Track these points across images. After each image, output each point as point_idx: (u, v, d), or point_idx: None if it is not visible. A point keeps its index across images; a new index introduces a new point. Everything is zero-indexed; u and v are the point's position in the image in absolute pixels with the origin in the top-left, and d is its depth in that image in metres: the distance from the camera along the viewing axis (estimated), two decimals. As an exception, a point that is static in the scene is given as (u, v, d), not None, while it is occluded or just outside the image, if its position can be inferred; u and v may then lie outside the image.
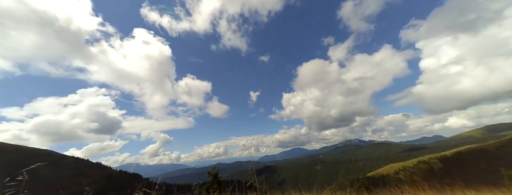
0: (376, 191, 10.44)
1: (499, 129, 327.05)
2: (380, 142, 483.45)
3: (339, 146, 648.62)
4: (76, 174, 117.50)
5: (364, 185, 10.22)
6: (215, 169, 11.34)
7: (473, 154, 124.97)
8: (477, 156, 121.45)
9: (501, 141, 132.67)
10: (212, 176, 10.87)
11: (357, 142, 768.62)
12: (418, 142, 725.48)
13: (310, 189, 10.47)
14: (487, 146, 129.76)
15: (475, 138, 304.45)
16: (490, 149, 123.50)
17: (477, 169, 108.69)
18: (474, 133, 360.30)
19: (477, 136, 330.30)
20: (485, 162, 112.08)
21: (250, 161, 10.40)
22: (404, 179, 12.29)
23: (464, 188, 10.37)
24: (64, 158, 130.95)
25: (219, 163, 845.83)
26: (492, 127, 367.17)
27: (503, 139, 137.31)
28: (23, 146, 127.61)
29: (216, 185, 10.52)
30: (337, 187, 10.47)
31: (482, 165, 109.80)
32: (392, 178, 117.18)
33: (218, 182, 10.55)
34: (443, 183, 10.36)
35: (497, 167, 11.64)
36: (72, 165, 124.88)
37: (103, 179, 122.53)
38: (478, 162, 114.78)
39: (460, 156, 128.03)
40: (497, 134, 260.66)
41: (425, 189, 10.41)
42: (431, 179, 10.36)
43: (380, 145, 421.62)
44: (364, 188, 10.42)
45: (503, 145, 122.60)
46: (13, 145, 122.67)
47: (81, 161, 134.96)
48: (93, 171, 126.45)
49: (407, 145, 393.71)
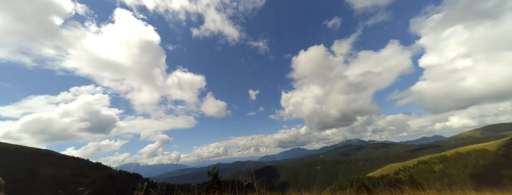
0: (376, 191, 10.45)
1: (499, 129, 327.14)
2: (380, 142, 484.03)
3: (339, 146, 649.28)
4: (76, 174, 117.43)
5: (364, 185, 10.22)
6: (215, 169, 11.34)
7: (473, 154, 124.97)
8: (477, 156, 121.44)
9: (501, 141, 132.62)
10: (212, 176, 10.88)
11: (357, 142, 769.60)
12: (418, 142, 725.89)
13: (310, 189, 10.48)
14: (487, 146, 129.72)
15: (475, 138, 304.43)
16: (490, 149, 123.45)
17: (477, 169, 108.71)
18: (474, 133, 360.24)
19: (477, 136, 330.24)
20: (485, 162, 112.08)
21: (250, 161, 10.41)
22: (404, 179, 12.42)
23: (464, 188, 10.38)
24: (64, 158, 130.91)
25: (219, 163, 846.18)
26: (492, 127, 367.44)
27: (503, 139, 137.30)
28: (24, 146, 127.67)
29: (216, 185, 10.54)
30: (337, 187, 10.50)
31: (482, 165, 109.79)
32: (392, 178, 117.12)
33: (218, 182, 10.56)
34: (443, 183, 10.37)
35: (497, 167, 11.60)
36: (72, 165, 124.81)
37: (103, 179, 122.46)
38: (478, 162, 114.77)
39: (460, 156, 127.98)
40: (497, 134, 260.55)
41: (425, 189, 10.42)
42: (431, 179, 10.37)
43: (380, 145, 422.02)
44: (364, 188, 10.44)
45: (503, 145, 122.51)
46: (13, 145, 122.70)
47: (81, 161, 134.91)
48: (93, 171, 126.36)
49: (407, 145, 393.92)
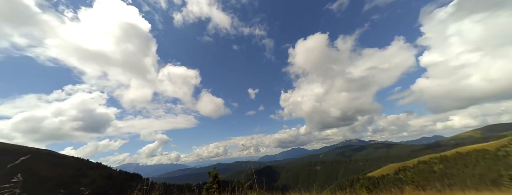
0: (376, 191, 10.45)
1: (499, 129, 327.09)
2: (380, 142, 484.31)
3: (339, 146, 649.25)
4: (76, 174, 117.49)
5: (364, 185, 10.22)
6: (215, 169, 11.33)
7: (473, 154, 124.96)
8: (477, 156, 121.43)
9: (501, 141, 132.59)
10: (212, 177, 10.87)
11: (357, 142, 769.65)
12: (418, 142, 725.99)
13: (310, 189, 10.48)
14: (487, 146, 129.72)
15: (475, 138, 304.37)
16: (490, 149, 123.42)
17: (477, 169, 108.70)
18: (474, 133, 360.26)
19: (477, 136, 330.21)
20: (485, 162, 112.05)
21: (250, 161, 10.41)
22: (404, 179, 12.35)
23: (464, 188, 10.38)
24: (64, 158, 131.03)
25: (219, 163, 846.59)
26: (492, 127, 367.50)
27: (503, 139, 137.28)
28: (24, 146, 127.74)
29: (216, 185, 10.54)
30: (337, 187, 10.49)
31: (482, 165, 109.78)
32: (392, 178, 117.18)
33: (218, 182, 10.56)
34: (443, 183, 10.37)
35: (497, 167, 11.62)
36: (72, 165, 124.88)
37: (103, 179, 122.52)
38: (478, 162, 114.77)
39: (460, 156, 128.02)
40: (497, 134, 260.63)
41: (425, 189, 10.42)
42: (431, 179, 10.36)
43: (380, 145, 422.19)
44: (364, 188, 10.43)
45: (503, 145, 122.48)
46: (13, 145, 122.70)
47: (81, 161, 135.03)
48: (93, 171, 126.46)
49: (407, 145, 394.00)
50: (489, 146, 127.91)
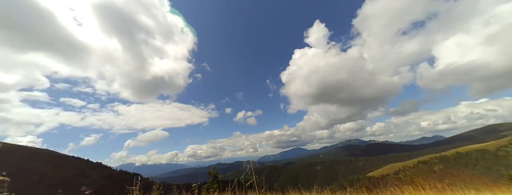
0: (376, 191, 10.43)
1: (499, 129, 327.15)
2: (380, 142, 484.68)
3: (339, 146, 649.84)
4: (76, 174, 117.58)
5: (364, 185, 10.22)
6: (215, 169, 11.33)
7: (473, 154, 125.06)
8: (477, 156, 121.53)
9: (501, 141, 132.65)
10: (212, 176, 10.87)
11: (357, 142, 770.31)
12: (418, 142, 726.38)
13: (310, 189, 10.47)
14: (487, 146, 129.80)
15: (475, 138, 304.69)
16: (490, 149, 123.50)
17: (477, 169, 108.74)
18: (474, 133, 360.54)
19: (477, 136, 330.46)
20: (485, 162, 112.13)
21: (250, 161, 10.40)
22: (404, 179, 12.60)
23: (464, 188, 10.37)
24: (64, 158, 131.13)
25: (219, 163, 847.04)
26: (492, 127, 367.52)
27: (503, 139, 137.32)
28: (24, 146, 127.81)
29: (216, 185, 10.53)
30: (337, 187, 10.47)
31: (482, 165, 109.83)
32: (392, 178, 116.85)
33: (218, 182, 10.55)
34: (443, 183, 10.36)
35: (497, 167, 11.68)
36: (72, 165, 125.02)
37: (103, 179, 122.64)
38: (478, 162, 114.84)
39: (460, 156, 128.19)
40: (497, 134, 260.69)
41: (425, 189, 10.40)
42: (431, 179, 10.36)
43: (380, 145, 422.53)
44: (364, 188, 10.41)
45: (503, 145, 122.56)
46: (13, 145, 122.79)
47: (81, 161, 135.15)
48: (93, 171, 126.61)
49: (407, 145, 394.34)
50: (489, 146, 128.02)
